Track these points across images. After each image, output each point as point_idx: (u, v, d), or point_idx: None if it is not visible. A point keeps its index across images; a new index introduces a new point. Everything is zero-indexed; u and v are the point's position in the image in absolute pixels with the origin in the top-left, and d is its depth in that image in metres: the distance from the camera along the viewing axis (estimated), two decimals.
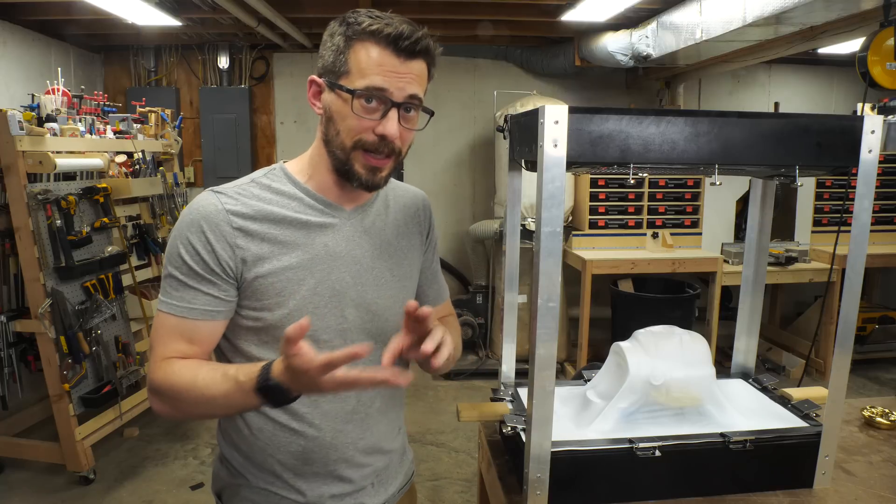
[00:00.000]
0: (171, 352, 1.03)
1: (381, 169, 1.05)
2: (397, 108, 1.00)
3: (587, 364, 1.60)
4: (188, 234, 1.03)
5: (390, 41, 0.98)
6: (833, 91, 5.46)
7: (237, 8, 3.56)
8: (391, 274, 1.16)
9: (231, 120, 4.92)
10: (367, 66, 0.98)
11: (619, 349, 1.36)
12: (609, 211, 4.32)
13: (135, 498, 2.96)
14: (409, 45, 0.98)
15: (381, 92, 0.99)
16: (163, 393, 1.02)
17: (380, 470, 1.21)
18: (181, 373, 1.00)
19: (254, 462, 1.12)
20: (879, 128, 1.12)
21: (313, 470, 1.12)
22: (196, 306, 1.03)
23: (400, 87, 0.99)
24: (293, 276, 1.05)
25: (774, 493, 1.23)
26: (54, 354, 2.87)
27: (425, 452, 3.39)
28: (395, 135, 1.01)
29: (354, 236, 1.11)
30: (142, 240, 3.57)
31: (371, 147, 1.02)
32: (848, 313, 1.18)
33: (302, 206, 1.08)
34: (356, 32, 0.99)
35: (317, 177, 1.10)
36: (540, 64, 5.00)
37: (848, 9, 2.73)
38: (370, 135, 1.01)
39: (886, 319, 4.63)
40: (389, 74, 0.99)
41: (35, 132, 2.79)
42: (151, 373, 1.03)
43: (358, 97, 0.99)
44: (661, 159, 1.07)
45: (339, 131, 1.03)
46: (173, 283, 1.04)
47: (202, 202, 1.05)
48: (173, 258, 1.04)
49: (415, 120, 1.05)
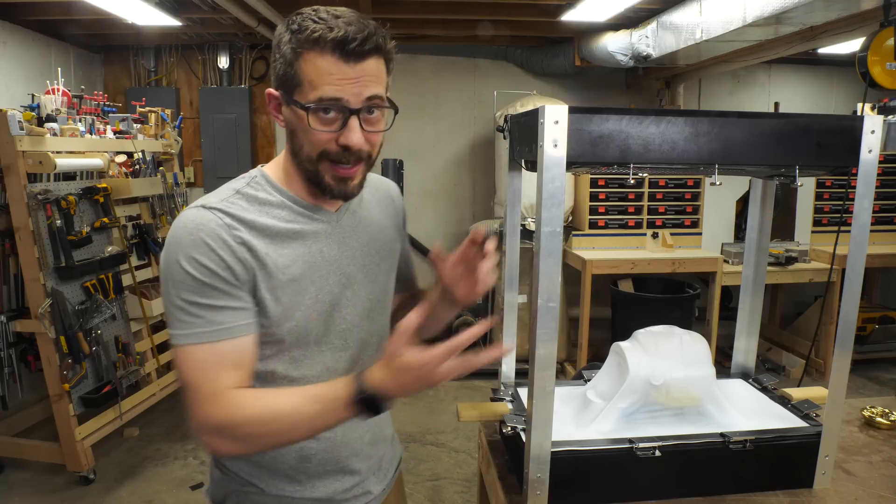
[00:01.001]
0: (222, 384, 0.95)
1: (352, 178, 1.02)
2: (356, 114, 0.96)
3: (587, 364, 1.60)
4: (194, 255, 0.95)
5: (336, 47, 0.92)
6: (833, 91, 5.46)
7: (237, 8, 3.56)
8: (378, 267, 1.17)
9: (231, 120, 4.92)
10: (316, 77, 0.93)
11: (619, 349, 1.36)
12: (609, 211, 4.32)
13: (135, 498, 2.96)
14: (356, 47, 0.92)
15: (336, 102, 0.94)
16: (232, 431, 0.95)
17: (381, 457, 1.23)
18: (254, 406, 0.95)
19: (265, 468, 1.11)
20: (879, 128, 1.12)
21: (326, 469, 1.12)
22: (232, 324, 0.96)
23: (356, 93, 0.95)
24: (297, 287, 1.03)
25: (774, 493, 1.23)
26: (54, 354, 2.87)
27: (425, 452, 3.39)
28: (358, 144, 0.97)
29: (344, 237, 1.11)
30: (142, 240, 3.57)
31: (336, 158, 0.99)
32: (848, 313, 1.18)
33: (292, 214, 1.05)
34: (300, 42, 0.93)
35: (295, 185, 1.07)
36: (540, 64, 5.00)
37: (848, 9, 2.73)
38: (333, 145, 0.98)
39: (886, 319, 4.62)
40: (341, 82, 0.93)
41: (35, 132, 2.79)
42: (206, 413, 0.94)
43: (313, 112, 0.95)
44: (661, 159, 1.07)
45: (303, 145, 0.99)
46: (194, 310, 0.95)
47: (199, 219, 0.97)
48: (183, 284, 0.95)
49: (379, 121, 1.00)
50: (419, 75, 5.04)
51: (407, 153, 4.64)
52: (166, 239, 0.99)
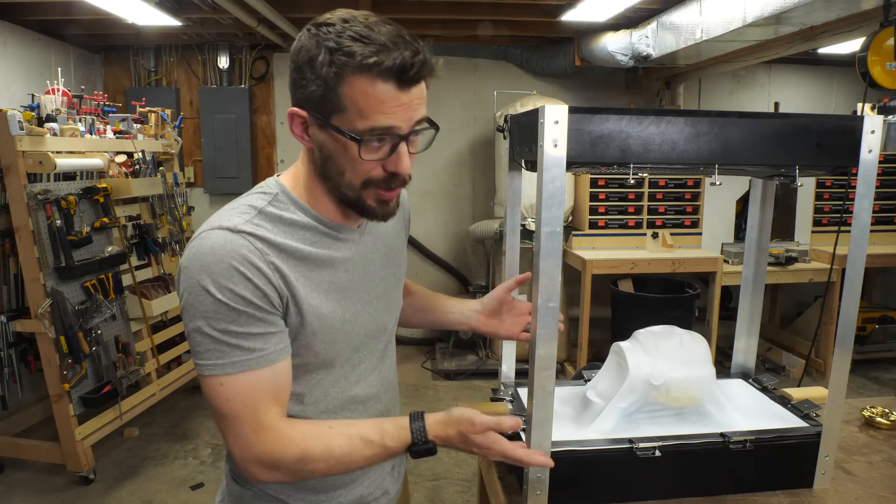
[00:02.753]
0: (269, 416, 0.93)
1: (394, 199, 1.00)
2: (405, 139, 0.92)
3: (587, 364, 1.60)
4: (227, 284, 0.89)
5: (393, 74, 0.86)
6: (833, 91, 5.45)
7: (237, 8, 3.56)
8: (395, 279, 1.17)
9: (231, 120, 4.92)
10: (367, 106, 0.88)
11: (619, 349, 1.36)
12: (609, 211, 4.32)
13: (135, 498, 2.96)
14: (415, 74, 0.88)
15: (389, 130, 0.90)
16: (285, 466, 0.94)
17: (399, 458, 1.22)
18: (307, 444, 0.94)
19: (291, 484, 1.08)
20: (879, 128, 1.12)
21: (352, 477, 1.12)
22: (270, 350, 0.93)
23: (407, 118, 0.91)
24: (325, 311, 1.00)
25: (774, 493, 1.23)
26: (54, 354, 2.87)
27: None
28: (408, 170, 0.95)
29: (366, 254, 1.09)
30: (142, 240, 3.57)
31: (382, 184, 0.96)
32: (848, 313, 1.18)
33: (317, 235, 1.00)
34: (347, 66, 0.86)
35: (319, 205, 1.01)
36: (540, 64, 5.00)
37: (848, 9, 2.73)
38: (379, 171, 0.94)
39: (886, 319, 4.62)
40: (395, 110, 0.89)
41: (35, 132, 2.79)
42: (253, 445, 0.92)
43: (366, 142, 0.90)
44: (661, 159, 1.07)
45: (344, 172, 0.94)
46: (229, 339, 0.90)
47: (228, 244, 0.91)
48: (217, 314, 0.90)
49: (421, 141, 0.98)
50: None
51: None
52: (188, 262, 0.92)
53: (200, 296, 0.89)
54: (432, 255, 5.31)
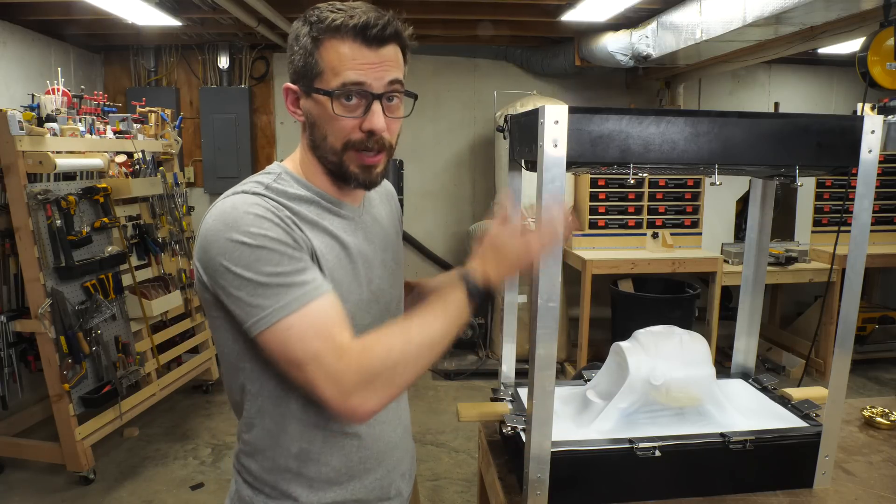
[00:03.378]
0: (345, 338, 0.91)
1: (377, 166, 1.03)
2: (379, 99, 0.97)
3: (587, 364, 1.60)
4: (258, 230, 0.91)
5: (358, 32, 0.94)
6: (833, 91, 5.45)
7: (237, 8, 3.56)
8: (394, 262, 1.18)
9: (231, 120, 4.92)
10: (338, 63, 0.95)
11: (619, 349, 1.36)
12: (609, 211, 4.32)
13: (135, 498, 2.96)
14: (378, 32, 0.95)
15: (360, 86, 0.96)
16: (378, 376, 0.90)
17: (409, 449, 1.23)
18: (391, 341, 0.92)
19: (304, 476, 1.05)
20: (879, 128, 1.12)
21: (366, 466, 1.10)
22: (320, 280, 0.94)
23: (378, 77, 0.96)
24: (340, 278, 1.01)
25: (774, 493, 1.23)
26: (54, 354, 2.87)
27: (425, 452, 3.38)
28: (382, 128, 0.98)
29: (368, 232, 1.11)
30: (142, 240, 3.57)
31: (361, 146, 0.99)
32: (848, 313, 1.18)
33: (320, 209, 1.03)
34: (321, 31, 0.95)
35: (318, 180, 1.06)
36: (540, 64, 5.00)
37: (848, 9, 2.73)
38: (357, 133, 0.98)
39: (886, 319, 4.62)
40: (364, 67, 0.95)
41: (35, 132, 2.79)
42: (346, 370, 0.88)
43: (336, 97, 0.96)
44: (661, 159, 1.07)
45: (326, 136, 0.99)
46: (279, 280, 0.90)
47: (249, 200, 0.95)
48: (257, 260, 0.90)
49: (399, 108, 1.02)
50: (419, 75, 5.04)
51: (407, 153, 4.63)
52: (212, 226, 0.92)
53: (237, 251, 0.90)
54: (432, 255, 5.31)
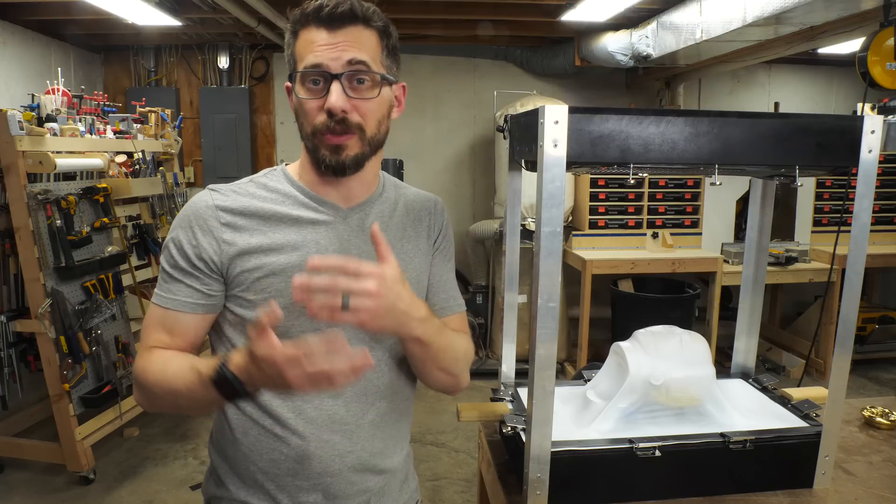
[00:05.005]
0: (153, 342, 1.05)
1: (344, 147, 1.00)
2: (338, 79, 0.97)
3: (587, 364, 1.60)
4: (178, 230, 1.05)
5: (313, 16, 0.97)
6: (833, 91, 5.45)
7: (237, 8, 3.56)
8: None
9: (231, 120, 4.92)
10: (303, 49, 0.99)
11: (619, 349, 1.36)
12: (609, 211, 4.32)
13: (135, 498, 2.96)
14: (330, 11, 0.96)
15: (318, 68, 0.97)
16: (140, 383, 1.04)
17: (373, 492, 1.11)
18: (154, 363, 1.02)
19: (237, 471, 1.08)
20: (879, 128, 1.11)
21: (296, 483, 1.05)
22: (178, 297, 1.04)
23: (334, 58, 0.96)
24: (282, 273, 1.01)
25: (774, 493, 1.23)
26: (54, 354, 2.87)
27: (425, 452, 3.38)
28: (338, 106, 0.96)
29: (349, 236, 1.06)
30: (142, 240, 3.57)
31: (324, 127, 0.99)
32: (848, 313, 1.18)
33: (295, 203, 1.06)
34: (294, 23, 1.00)
35: (307, 176, 1.08)
36: (540, 64, 5.00)
37: (848, 9, 2.73)
38: (322, 115, 0.99)
39: (886, 319, 4.62)
40: (320, 48, 0.97)
41: (35, 132, 2.79)
42: (135, 363, 1.06)
43: (299, 82, 0.99)
44: (661, 159, 1.07)
45: (302, 123, 1.03)
46: (163, 276, 1.06)
47: (196, 199, 1.07)
48: (165, 252, 1.07)
49: (369, 89, 1.00)
50: (419, 75, 5.04)
51: (407, 153, 4.63)
52: None
53: (167, 238, 1.08)
54: None
